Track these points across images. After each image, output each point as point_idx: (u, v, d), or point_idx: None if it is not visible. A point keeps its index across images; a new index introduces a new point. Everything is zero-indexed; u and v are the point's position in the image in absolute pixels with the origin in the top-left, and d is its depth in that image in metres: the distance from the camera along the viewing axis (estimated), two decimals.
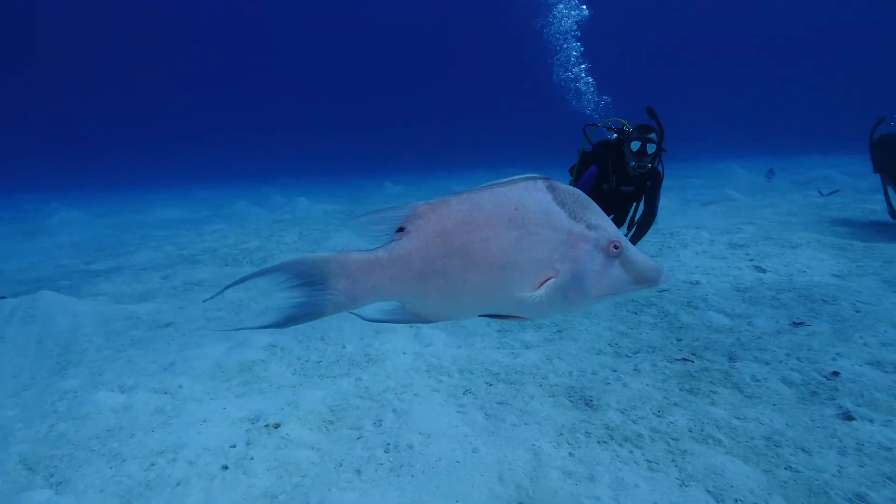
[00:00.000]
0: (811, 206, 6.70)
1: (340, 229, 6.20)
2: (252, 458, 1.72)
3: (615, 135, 4.06)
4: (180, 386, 2.26)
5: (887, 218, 5.14)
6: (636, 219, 3.62)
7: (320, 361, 2.54)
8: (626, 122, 4.06)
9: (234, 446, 1.80)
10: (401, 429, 1.87)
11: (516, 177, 0.98)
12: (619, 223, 3.63)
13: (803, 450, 1.65)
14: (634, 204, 3.83)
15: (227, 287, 0.98)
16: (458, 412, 2.01)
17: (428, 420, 1.93)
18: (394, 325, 2.70)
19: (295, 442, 1.81)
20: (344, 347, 2.68)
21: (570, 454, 1.70)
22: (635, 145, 3.72)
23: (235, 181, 15.29)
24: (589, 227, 0.99)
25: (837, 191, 7.50)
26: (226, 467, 1.68)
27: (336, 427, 1.93)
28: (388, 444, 1.79)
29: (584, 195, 1.02)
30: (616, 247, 0.99)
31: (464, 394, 2.14)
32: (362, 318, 1.03)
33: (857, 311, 2.77)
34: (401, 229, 0.97)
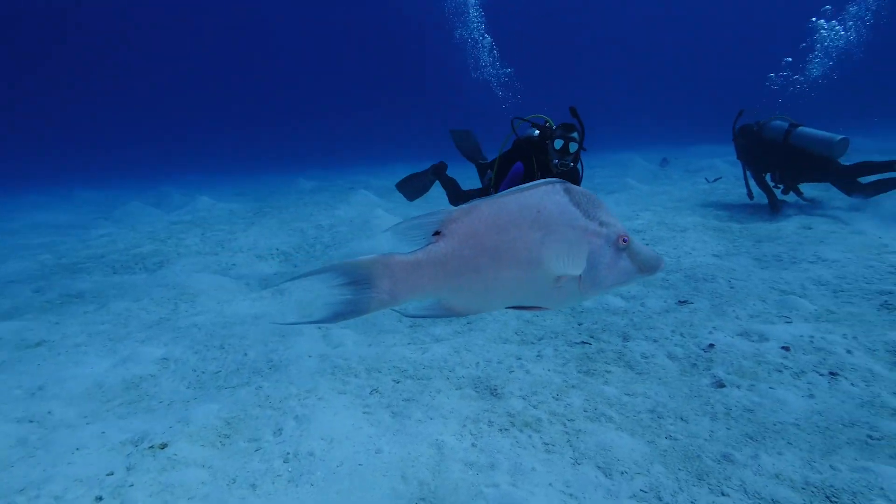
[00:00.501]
0: (699, 192, 7.34)
1: (248, 229, 5.87)
2: (132, 485, 1.57)
3: (536, 131, 4.18)
4: (50, 412, 2.02)
5: (759, 201, 5.76)
6: None
7: (218, 372, 2.39)
8: (548, 119, 4.20)
9: (111, 474, 1.63)
10: (302, 436, 1.80)
11: (537, 182, 1.09)
12: None
13: (682, 419, 1.79)
14: None
15: (286, 281, 1.08)
16: (364, 413, 1.97)
17: (331, 424, 1.87)
18: (301, 327, 2.60)
19: (183, 461, 1.68)
20: (245, 355, 2.54)
21: (473, 445, 1.72)
22: (558, 143, 3.86)
23: (129, 180, 13.98)
24: (601, 224, 1.10)
25: (721, 178, 8.27)
26: (100, 498, 1.52)
27: (232, 441, 1.82)
28: (288, 453, 1.71)
29: (595, 196, 1.13)
30: (624, 240, 1.11)
31: (370, 393, 2.10)
32: (403, 314, 1.14)
33: (732, 288, 3.07)
34: (437, 233, 1.07)
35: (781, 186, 5.50)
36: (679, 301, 2.93)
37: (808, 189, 6.09)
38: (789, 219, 4.87)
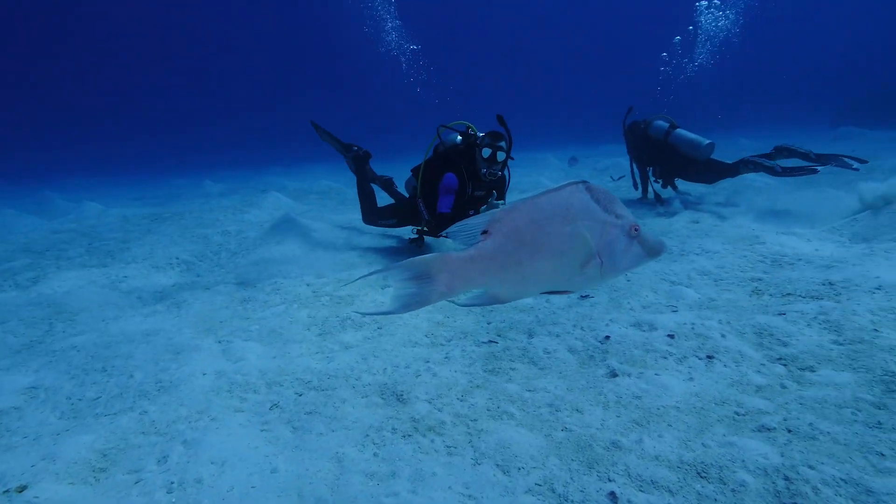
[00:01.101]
0: None
1: (144, 237, 5.41)
2: None
3: (459, 136, 4.18)
4: None
5: (652, 196, 6.24)
6: None
7: (98, 398, 2.16)
8: (470, 125, 4.21)
9: None
10: (189, 462, 1.67)
11: (563, 182, 1.25)
12: None
13: (577, 410, 1.87)
14: (484, 207, 4.08)
15: (350, 282, 1.15)
16: (262, 430, 1.86)
17: (224, 446, 1.75)
18: (199, 342, 2.44)
19: None
20: (131, 377, 2.32)
21: (375, 454, 1.69)
22: (486, 152, 3.87)
23: (2, 185, 12.42)
24: (617, 216, 1.25)
25: (624, 176, 8.84)
26: None
27: (108, 474, 1.65)
28: (172, 482, 1.58)
29: (610, 192, 1.28)
30: (636, 230, 1.27)
31: (270, 409, 2.00)
32: (456, 303, 1.31)
33: (628, 281, 3.27)
34: (484, 232, 1.21)
35: (661, 181, 6.14)
36: (581, 296, 3.08)
37: (698, 187, 6.67)
38: (680, 214, 5.30)
